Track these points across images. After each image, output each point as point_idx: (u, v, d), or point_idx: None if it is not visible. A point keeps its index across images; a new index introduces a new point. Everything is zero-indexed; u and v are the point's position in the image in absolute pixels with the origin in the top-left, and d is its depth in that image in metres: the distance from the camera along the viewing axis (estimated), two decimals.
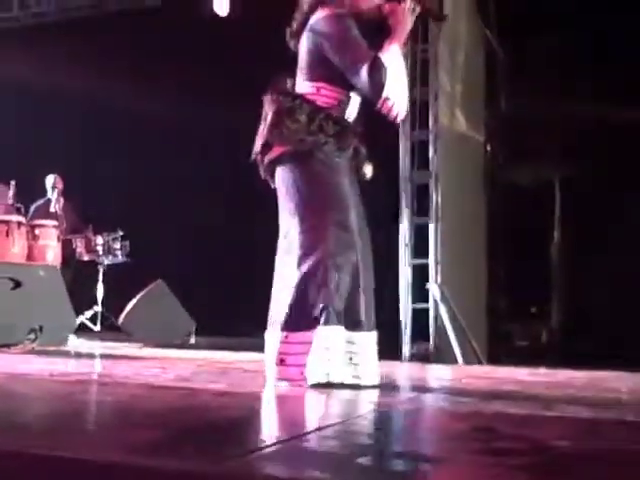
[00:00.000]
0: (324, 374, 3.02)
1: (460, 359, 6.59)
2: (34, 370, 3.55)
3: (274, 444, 1.75)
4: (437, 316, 6.91)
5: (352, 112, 3.24)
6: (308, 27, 3.22)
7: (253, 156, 3.27)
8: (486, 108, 9.16)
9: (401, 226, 7.15)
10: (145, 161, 8.65)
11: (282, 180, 3.20)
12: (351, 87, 3.19)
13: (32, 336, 4.93)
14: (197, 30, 8.40)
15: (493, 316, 8.96)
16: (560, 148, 9.49)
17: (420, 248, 7.11)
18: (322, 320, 3.02)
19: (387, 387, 3.22)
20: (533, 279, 9.45)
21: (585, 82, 8.38)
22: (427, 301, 6.99)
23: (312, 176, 3.14)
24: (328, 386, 2.99)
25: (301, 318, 3.06)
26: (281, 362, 3.08)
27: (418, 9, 3.19)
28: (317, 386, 2.99)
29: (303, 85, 3.22)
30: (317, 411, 2.64)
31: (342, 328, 3.06)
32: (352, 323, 3.09)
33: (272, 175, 3.26)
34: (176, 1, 8.70)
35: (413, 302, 7.09)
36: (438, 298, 6.93)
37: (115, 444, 1.67)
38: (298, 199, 3.15)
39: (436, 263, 7.02)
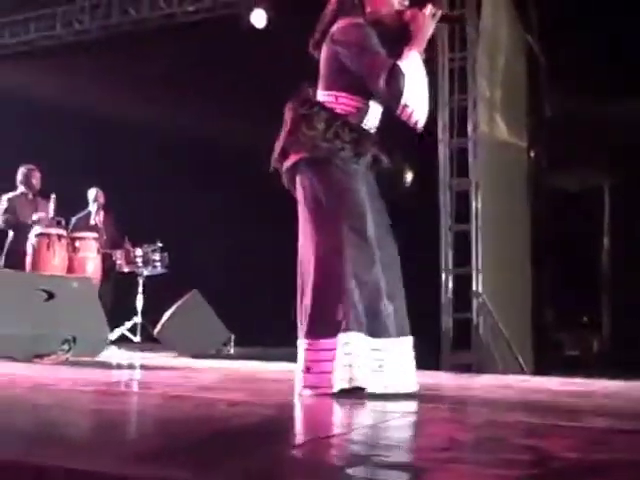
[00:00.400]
0: (347, 380, 2.98)
1: (501, 370, 6.47)
2: (60, 380, 3.57)
3: (269, 455, 1.71)
4: (479, 326, 6.81)
5: (371, 120, 3.22)
6: (328, 37, 3.22)
7: (272, 164, 3.25)
8: (529, 113, 9.03)
9: (441, 234, 7.07)
10: (182, 175, 8.74)
11: (300, 186, 3.18)
12: (370, 95, 3.17)
13: (65, 347, 4.98)
14: (236, 44, 8.46)
15: (540, 326, 8.79)
16: (608, 153, 9.29)
17: (462, 256, 7.02)
18: (342, 326, 2.99)
19: (411, 396, 3.15)
20: (582, 287, 9.25)
21: (634, 85, 8.19)
22: (469, 310, 6.90)
23: (328, 182, 3.11)
24: (353, 392, 2.96)
25: (323, 325, 3.03)
26: (307, 370, 3.06)
27: (439, 14, 3.15)
28: (342, 393, 2.95)
29: (322, 94, 3.21)
30: (322, 420, 2.59)
31: (363, 335, 3.01)
32: (375, 330, 3.05)
33: (293, 182, 3.24)
34: (214, 15, 8.82)
35: (455, 311, 7.00)
36: (480, 307, 6.83)
37: (113, 453, 1.66)
38: (314, 205, 3.14)
39: (477, 272, 6.92)
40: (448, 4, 7.18)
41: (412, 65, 3.04)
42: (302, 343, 3.09)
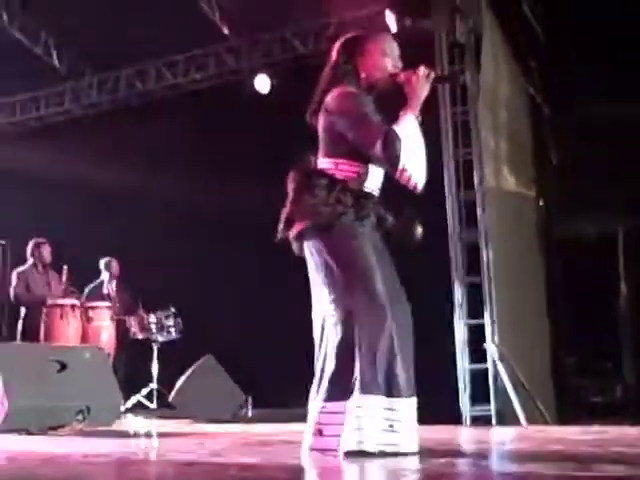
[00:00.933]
0: (356, 442, 2.97)
1: (523, 420, 6.38)
2: (71, 452, 3.56)
3: None
4: (497, 377, 6.74)
5: (372, 183, 3.25)
6: (324, 106, 3.26)
7: (279, 233, 3.29)
8: (535, 163, 9.09)
9: (454, 286, 7.07)
10: (193, 240, 8.82)
11: (309, 254, 3.23)
12: (369, 160, 3.20)
13: (80, 417, 4.97)
14: (242, 109, 8.63)
15: (560, 373, 8.70)
16: (619, 198, 9.31)
17: (476, 308, 6.99)
18: (356, 389, 3.00)
19: (422, 453, 3.12)
20: (601, 333, 9.17)
21: (637, 129, 8.24)
22: (484, 361, 6.84)
23: (334, 247, 3.14)
24: (362, 455, 2.93)
25: (338, 388, 3.05)
26: (319, 432, 3.05)
27: (433, 75, 3.18)
28: (350, 455, 2.94)
29: (323, 161, 3.25)
30: None
31: (380, 397, 3.02)
32: (391, 390, 3.05)
33: (302, 250, 3.28)
34: (219, 83, 9.01)
35: (471, 363, 6.94)
36: (496, 358, 6.77)
37: None
38: (324, 270, 3.17)
39: (492, 322, 6.88)
40: (447, 59, 7.33)
41: (407, 129, 3.07)
42: (316, 405, 3.09)
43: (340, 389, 3.04)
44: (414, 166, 3.07)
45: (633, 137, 8.32)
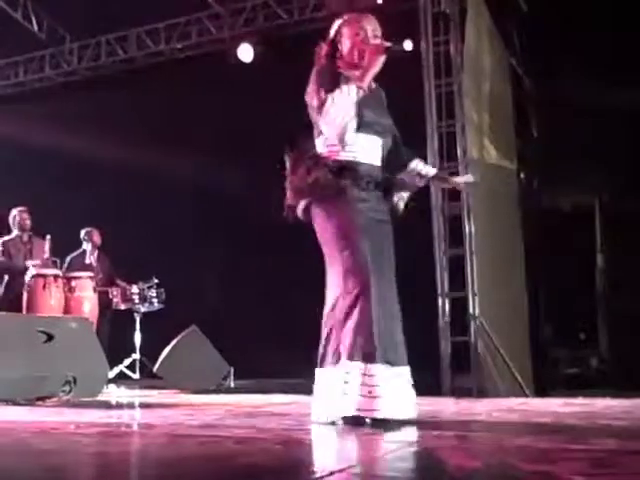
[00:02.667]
0: (345, 408, 3.12)
1: (502, 391, 6.47)
2: (62, 423, 3.56)
3: None
4: (477, 348, 6.81)
5: (357, 152, 3.36)
6: None
7: (286, 210, 3.45)
8: (517, 136, 9.11)
9: (436, 258, 7.11)
10: (176, 209, 8.79)
11: (315, 225, 3.39)
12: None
13: (66, 388, 4.97)
14: (224, 79, 8.56)
15: (538, 345, 8.80)
16: (598, 171, 9.37)
17: (457, 280, 7.04)
18: (345, 356, 3.16)
19: (412, 424, 3.17)
20: (578, 305, 9.29)
21: (619, 103, 8.28)
22: (467, 334, 6.91)
23: (321, 224, 3.34)
24: (355, 421, 3.07)
25: (329, 354, 3.24)
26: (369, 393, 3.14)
27: (385, 46, 3.38)
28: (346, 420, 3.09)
29: (317, 141, 3.42)
30: (330, 454, 2.61)
31: (366, 364, 3.13)
32: (366, 356, 3.15)
33: (310, 223, 3.44)
34: (201, 52, 8.92)
35: (452, 335, 7.01)
36: (477, 330, 6.84)
37: None
38: (322, 245, 3.37)
39: (473, 295, 6.94)
40: (432, 32, 7.31)
41: (342, 94, 3.25)
42: (355, 366, 3.14)
43: (328, 356, 3.24)
44: (339, 126, 3.25)
45: (613, 111, 8.36)
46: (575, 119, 8.74)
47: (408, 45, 3.61)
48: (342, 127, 3.26)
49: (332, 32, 3.53)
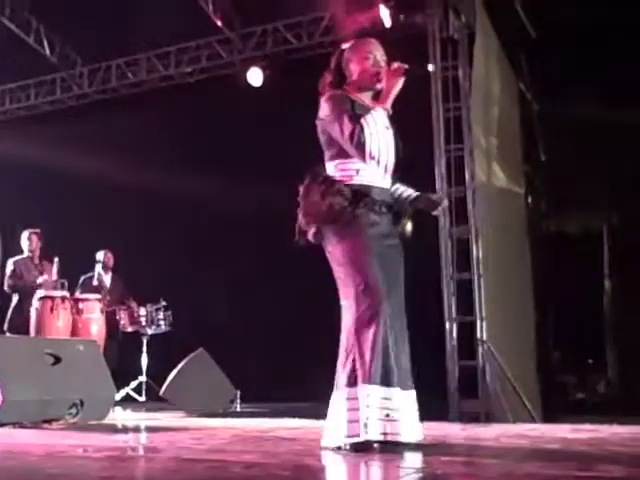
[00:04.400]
0: (359, 432, 3.08)
1: (510, 416, 6.43)
2: (69, 446, 3.55)
3: None
4: (485, 373, 6.79)
5: (370, 176, 3.38)
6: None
7: (297, 237, 3.45)
8: (525, 160, 9.14)
9: (443, 282, 7.10)
10: (185, 234, 8.83)
11: (326, 252, 3.40)
12: None
13: (73, 411, 4.96)
14: (234, 102, 8.62)
15: (546, 370, 8.77)
16: (606, 195, 9.38)
17: (465, 304, 7.03)
18: (357, 380, 3.13)
19: (420, 448, 3.16)
20: (586, 330, 9.25)
21: (626, 125, 8.30)
22: (474, 358, 6.88)
23: (333, 249, 3.34)
24: (363, 444, 3.05)
25: (343, 376, 3.20)
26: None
27: (402, 68, 3.42)
28: (356, 446, 3.06)
29: (327, 166, 3.46)
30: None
31: (376, 387, 3.12)
32: (385, 380, 3.15)
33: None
34: (211, 76, 8.99)
35: (460, 360, 6.99)
36: (485, 355, 6.82)
37: None
38: (335, 267, 3.36)
39: (481, 319, 6.93)
40: (440, 56, 7.35)
41: (373, 119, 3.32)
42: (341, 394, 3.17)
43: (342, 379, 3.19)
44: (380, 151, 3.32)
45: (621, 135, 8.39)
46: (583, 144, 8.77)
47: (431, 67, 3.70)
48: (379, 153, 3.31)
49: (334, 60, 3.58)
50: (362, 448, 3.05)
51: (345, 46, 3.64)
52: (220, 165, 8.49)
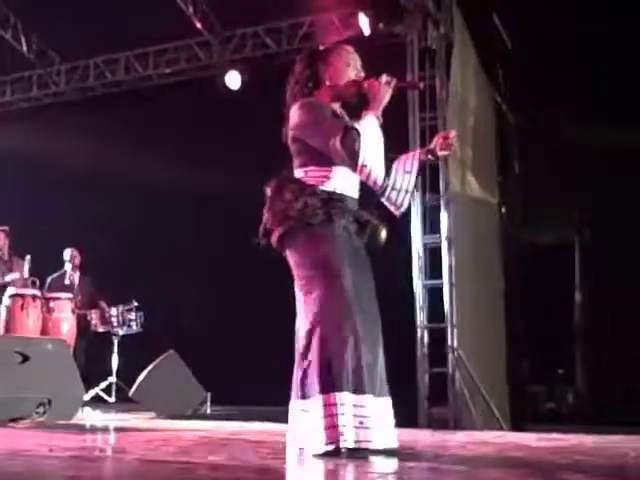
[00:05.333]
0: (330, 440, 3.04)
1: (479, 424, 6.49)
2: (35, 446, 3.54)
3: None
4: (455, 380, 6.84)
5: (343, 185, 3.33)
6: (286, 121, 3.40)
7: (260, 242, 3.38)
8: (499, 171, 9.21)
9: (415, 290, 7.15)
10: (157, 234, 8.80)
11: (288, 257, 3.32)
12: (335, 162, 3.29)
13: (41, 410, 4.93)
14: (211, 106, 8.63)
15: (515, 379, 8.83)
16: (579, 208, 9.49)
17: (436, 311, 7.09)
18: (329, 386, 3.06)
19: (388, 454, 3.18)
20: (555, 340, 9.35)
21: (601, 137, 8.40)
22: (445, 366, 6.94)
23: (303, 250, 3.25)
24: (335, 452, 3.01)
25: (314, 383, 3.11)
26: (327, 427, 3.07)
27: (394, 82, 3.31)
28: (324, 454, 3.02)
29: (295, 171, 3.37)
30: None
31: (347, 394, 3.07)
32: (356, 387, 3.10)
33: (284, 255, 3.37)
34: (189, 78, 8.99)
35: (430, 367, 7.04)
36: (455, 362, 6.87)
37: None
38: (296, 273, 3.27)
39: (452, 327, 6.98)
40: (418, 64, 7.42)
41: (367, 126, 3.19)
42: (317, 400, 3.09)
43: (305, 387, 3.12)
44: (373, 162, 3.20)
45: (595, 147, 8.49)
46: (557, 155, 8.87)
47: (421, 85, 3.72)
48: (371, 165, 3.21)
49: (305, 62, 3.45)
50: (331, 454, 3.03)
51: (321, 48, 3.53)
52: (194, 167, 8.49)
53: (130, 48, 9.07)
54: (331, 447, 3.02)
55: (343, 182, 3.32)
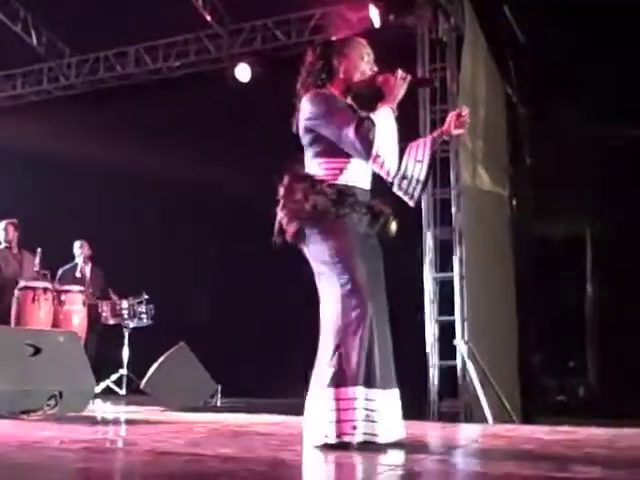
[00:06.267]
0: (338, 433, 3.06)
1: (489, 417, 6.47)
2: (46, 437, 3.55)
3: None
4: (465, 374, 6.83)
5: (356, 176, 3.33)
6: (297, 112, 3.39)
7: (276, 240, 3.37)
8: (510, 163, 9.18)
9: (425, 282, 7.14)
10: (169, 226, 8.81)
11: (306, 254, 3.33)
12: (349, 154, 3.28)
13: (52, 402, 4.94)
14: (221, 98, 8.63)
15: (527, 372, 8.81)
16: (590, 200, 9.44)
17: (447, 305, 7.07)
18: (343, 380, 3.08)
19: (399, 445, 3.18)
20: (567, 333, 9.31)
21: (612, 131, 8.36)
22: (455, 358, 6.92)
23: (317, 246, 3.26)
24: (342, 445, 3.02)
25: (327, 376, 3.12)
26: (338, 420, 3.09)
27: (409, 78, 3.30)
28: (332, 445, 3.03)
29: (310, 164, 3.37)
30: (314, 477, 2.60)
31: (360, 388, 3.09)
32: (367, 381, 3.12)
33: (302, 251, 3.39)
34: (199, 70, 8.98)
35: (441, 359, 7.03)
36: (465, 355, 6.86)
37: None
38: (314, 267, 3.30)
39: (462, 320, 6.97)
40: (429, 56, 7.39)
41: (382, 117, 3.18)
42: (325, 393, 3.11)
43: (319, 379, 3.13)
44: (387, 152, 3.18)
45: (606, 141, 8.45)
46: (568, 148, 8.82)
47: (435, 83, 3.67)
48: (394, 152, 3.21)
49: (318, 53, 3.42)
50: (339, 446, 3.04)
51: (334, 39, 3.51)
52: (205, 160, 8.49)
53: (140, 41, 9.08)
54: (343, 440, 3.03)
55: (356, 174, 3.32)
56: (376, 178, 3.40)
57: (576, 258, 9.70)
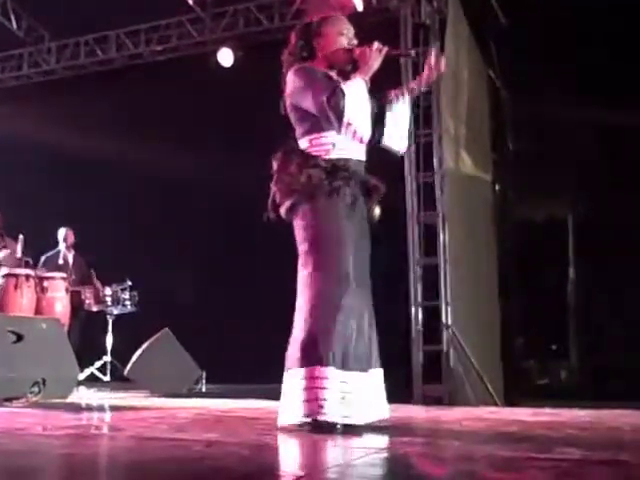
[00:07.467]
0: (315, 412, 3.10)
1: (473, 401, 6.51)
2: (30, 424, 3.54)
3: None
4: (449, 357, 6.86)
5: (347, 150, 3.34)
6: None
7: (267, 215, 3.40)
8: (493, 147, 9.19)
9: (410, 267, 7.14)
10: (151, 212, 8.77)
11: (295, 229, 3.35)
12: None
13: (35, 389, 4.92)
14: (203, 83, 8.58)
15: (509, 355, 8.86)
16: (572, 185, 9.46)
17: (431, 289, 7.09)
18: (315, 360, 3.11)
19: (383, 430, 3.19)
20: (549, 317, 9.37)
21: (596, 118, 8.36)
22: (439, 343, 6.95)
23: (306, 223, 3.28)
24: (323, 425, 3.06)
25: (299, 356, 3.16)
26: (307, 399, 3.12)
27: (385, 49, 3.35)
28: (315, 425, 3.07)
29: (300, 142, 3.39)
30: (298, 459, 2.61)
31: (333, 369, 3.12)
32: (343, 363, 3.15)
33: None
34: (181, 55, 8.91)
35: (425, 344, 7.05)
36: (449, 340, 6.89)
37: None
38: (300, 246, 3.31)
39: (446, 304, 6.99)
40: (412, 39, 7.36)
41: (353, 87, 3.25)
42: (296, 372, 3.14)
43: (300, 357, 3.16)
44: (359, 120, 3.25)
45: (589, 125, 8.46)
46: (550, 132, 8.84)
47: (413, 53, 3.78)
48: (356, 123, 3.25)
49: (299, 33, 3.51)
50: (324, 428, 3.07)
51: (314, 19, 3.56)
52: (188, 145, 8.45)
53: (121, 25, 8.99)
54: (316, 418, 3.07)
55: (348, 146, 3.33)
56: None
57: (559, 242, 9.74)
